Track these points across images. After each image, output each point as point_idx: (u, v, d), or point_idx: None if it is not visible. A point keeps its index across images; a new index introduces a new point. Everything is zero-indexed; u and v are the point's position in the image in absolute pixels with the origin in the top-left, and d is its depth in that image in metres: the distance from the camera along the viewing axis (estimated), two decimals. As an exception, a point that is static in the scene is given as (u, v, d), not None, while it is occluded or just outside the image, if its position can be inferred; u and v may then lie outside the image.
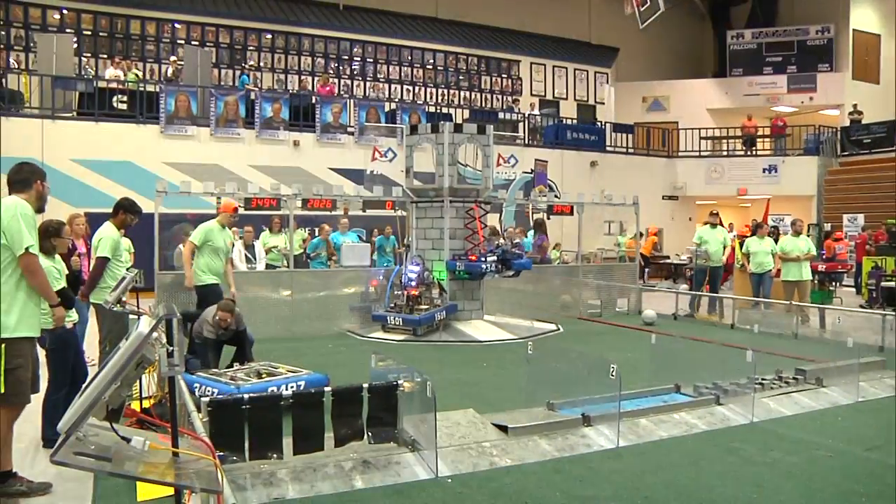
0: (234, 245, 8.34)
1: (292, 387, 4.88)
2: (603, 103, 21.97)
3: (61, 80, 13.48)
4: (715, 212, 11.24)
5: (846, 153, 19.42)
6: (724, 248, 10.85)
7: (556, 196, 12.57)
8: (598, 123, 20.20)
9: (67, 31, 15.90)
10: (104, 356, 4.80)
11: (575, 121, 19.84)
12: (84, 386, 2.15)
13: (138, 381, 4.19)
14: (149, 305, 6.30)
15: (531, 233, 13.51)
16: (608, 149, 19.42)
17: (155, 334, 2.13)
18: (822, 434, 4.70)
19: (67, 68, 13.86)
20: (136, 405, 4.38)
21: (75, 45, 15.26)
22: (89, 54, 16.33)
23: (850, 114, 19.99)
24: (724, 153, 20.27)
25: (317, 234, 11.97)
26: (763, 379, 5.65)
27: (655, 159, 20.03)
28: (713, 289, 10.72)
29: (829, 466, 4.10)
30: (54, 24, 16.16)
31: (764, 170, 19.41)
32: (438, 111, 17.65)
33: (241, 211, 8.85)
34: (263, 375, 5.29)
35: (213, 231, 6.72)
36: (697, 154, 20.13)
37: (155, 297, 8.03)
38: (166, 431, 2.36)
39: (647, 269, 15.97)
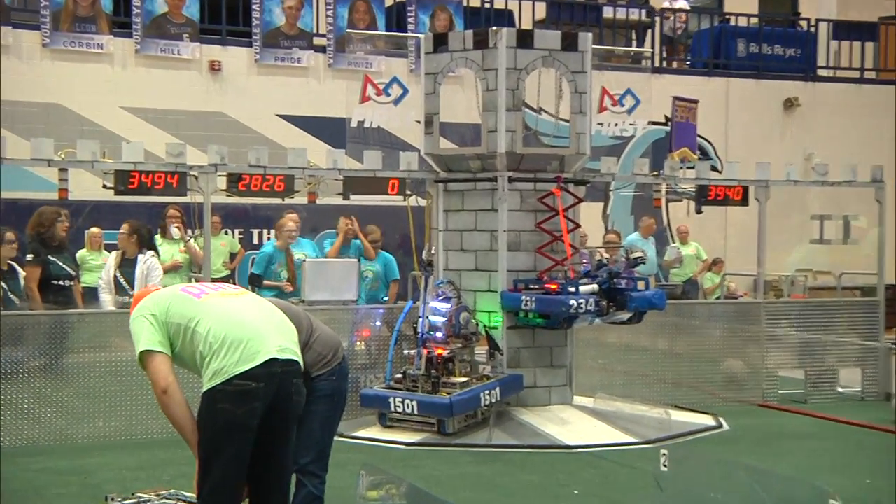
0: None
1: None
2: (812, -14, 21.79)
3: None
4: None
5: None
6: None
7: (713, 168, 12.48)
8: (802, 25, 20.03)
9: None
10: None
11: (754, 21, 19.73)
12: None
13: None
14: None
15: (635, 237, 13.43)
16: (822, 73, 19.24)
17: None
18: None
19: None
20: None
21: None
22: None
23: None
24: None
25: (270, 238, 12.12)
26: None
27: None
28: None
29: None
30: None
31: None
32: (487, 6, 17.73)
33: (112, 196, 9.03)
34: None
35: None
36: None
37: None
38: None
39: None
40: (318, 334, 5.14)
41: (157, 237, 11.16)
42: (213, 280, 9.31)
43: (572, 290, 8.61)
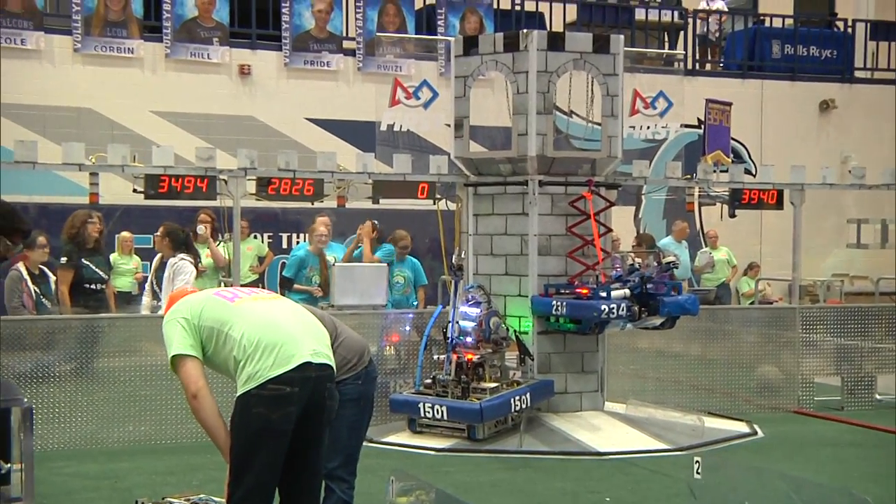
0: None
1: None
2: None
3: None
4: None
5: None
6: None
7: (747, 171, 12.43)
8: (839, 25, 19.91)
9: None
10: None
11: (789, 22, 19.64)
12: None
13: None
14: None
15: (668, 241, 13.35)
16: (859, 75, 19.13)
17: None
18: None
19: None
20: None
21: None
22: None
23: None
24: None
25: (301, 241, 12.14)
26: None
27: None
28: None
29: None
30: None
31: None
32: (517, 9, 17.75)
33: (142, 200, 9.12)
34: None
35: None
36: None
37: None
38: None
39: None
40: (343, 338, 5.16)
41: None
42: (241, 285, 9.39)
43: (604, 294, 8.59)
